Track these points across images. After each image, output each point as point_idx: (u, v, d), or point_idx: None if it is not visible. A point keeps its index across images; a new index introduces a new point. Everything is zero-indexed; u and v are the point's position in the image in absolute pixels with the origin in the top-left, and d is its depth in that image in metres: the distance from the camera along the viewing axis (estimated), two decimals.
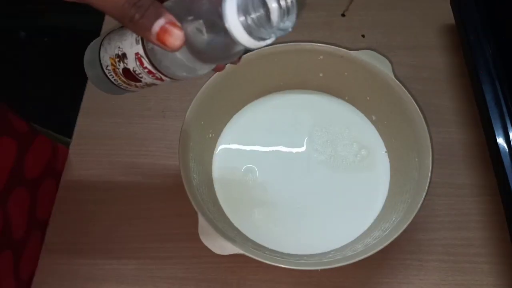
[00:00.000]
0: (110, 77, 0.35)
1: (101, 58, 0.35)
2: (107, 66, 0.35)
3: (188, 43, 0.27)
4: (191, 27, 0.27)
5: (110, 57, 0.34)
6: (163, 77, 0.32)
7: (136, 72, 0.33)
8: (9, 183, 0.45)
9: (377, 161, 0.51)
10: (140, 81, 0.34)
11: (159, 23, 0.26)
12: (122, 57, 0.33)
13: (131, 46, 0.32)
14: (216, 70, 0.36)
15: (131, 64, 0.32)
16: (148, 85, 0.35)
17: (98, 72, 0.36)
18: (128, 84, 0.35)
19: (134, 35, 0.31)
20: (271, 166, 0.51)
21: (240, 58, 0.33)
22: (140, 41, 0.31)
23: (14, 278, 0.46)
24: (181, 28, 0.26)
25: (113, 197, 0.51)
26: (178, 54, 0.29)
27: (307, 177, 0.50)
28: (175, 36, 0.26)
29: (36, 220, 0.50)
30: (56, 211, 0.51)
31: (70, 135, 0.56)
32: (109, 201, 0.51)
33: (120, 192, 0.51)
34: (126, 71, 0.33)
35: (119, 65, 0.33)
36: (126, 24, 0.27)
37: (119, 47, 0.33)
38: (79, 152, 0.55)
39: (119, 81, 0.35)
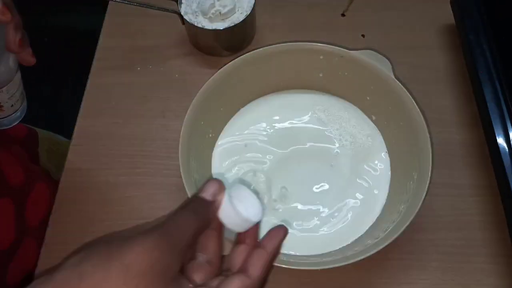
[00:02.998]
0: None
1: None
2: None
3: None
4: None
5: None
6: None
7: None
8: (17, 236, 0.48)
9: (377, 161, 0.50)
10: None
11: None
12: None
13: None
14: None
15: None
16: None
17: None
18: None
19: None
20: (271, 166, 0.51)
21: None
22: None
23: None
24: None
25: (113, 197, 0.51)
26: None
27: (307, 177, 0.50)
28: None
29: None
30: (56, 211, 0.51)
31: (70, 135, 0.56)
32: (109, 201, 0.51)
33: (120, 192, 0.51)
34: None
35: None
36: None
37: None
38: (79, 152, 0.54)
39: None
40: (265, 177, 0.50)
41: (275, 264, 0.39)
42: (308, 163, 0.51)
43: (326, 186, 0.49)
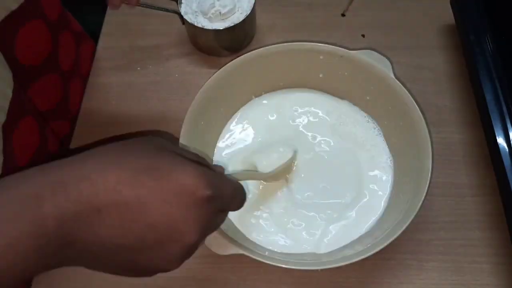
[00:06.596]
0: None
1: None
2: None
3: None
4: None
5: None
6: None
7: None
8: (43, 67, 0.49)
9: (377, 161, 0.50)
10: None
11: None
12: None
13: None
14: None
15: None
16: None
17: None
18: None
19: None
20: (271, 166, 0.50)
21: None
22: None
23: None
24: None
25: None
26: None
27: (307, 176, 0.50)
28: None
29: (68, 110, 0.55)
30: None
31: (70, 135, 0.56)
32: None
33: None
34: None
35: None
36: None
37: None
38: (80, 152, 0.54)
39: None
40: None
41: (275, 264, 0.39)
42: (309, 163, 0.51)
43: (326, 187, 0.49)
